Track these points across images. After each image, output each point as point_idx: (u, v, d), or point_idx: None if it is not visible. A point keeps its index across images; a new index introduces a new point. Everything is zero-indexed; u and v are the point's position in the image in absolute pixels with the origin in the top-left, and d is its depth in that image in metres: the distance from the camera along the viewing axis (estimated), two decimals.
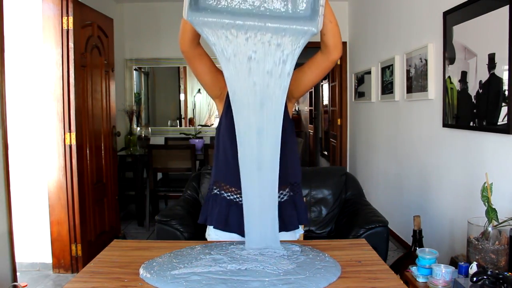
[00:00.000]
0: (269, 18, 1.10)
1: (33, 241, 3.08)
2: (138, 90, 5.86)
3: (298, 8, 1.12)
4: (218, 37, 1.10)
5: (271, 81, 1.13)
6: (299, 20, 1.11)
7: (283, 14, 1.11)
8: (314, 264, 1.13)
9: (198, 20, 1.10)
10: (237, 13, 1.10)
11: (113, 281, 1.08)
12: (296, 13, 1.12)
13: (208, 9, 1.11)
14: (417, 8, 3.14)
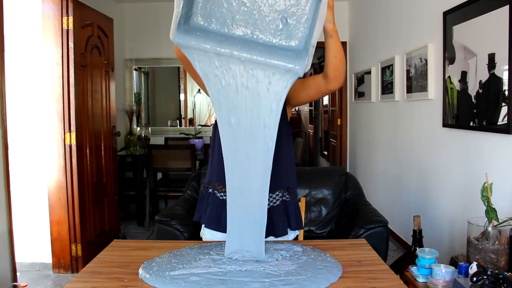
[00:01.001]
0: (259, 50, 1.04)
1: (33, 241, 3.08)
2: (138, 90, 5.86)
3: (292, 38, 1.07)
4: (206, 64, 1.07)
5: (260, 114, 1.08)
6: (291, 53, 1.05)
7: (275, 44, 1.07)
8: (316, 264, 1.13)
9: (186, 43, 1.05)
10: (227, 38, 1.05)
11: (113, 281, 1.08)
12: (288, 44, 1.07)
13: (197, 31, 1.06)
14: (417, 8, 3.14)
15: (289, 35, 1.07)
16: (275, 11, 1.05)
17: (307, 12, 1.05)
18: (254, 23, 1.07)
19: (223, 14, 1.06)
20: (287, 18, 1.06)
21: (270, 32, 1.07)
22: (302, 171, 2.83)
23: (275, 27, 1.06)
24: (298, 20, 1.06)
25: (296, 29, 1.06)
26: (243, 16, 1.06)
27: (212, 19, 1.07)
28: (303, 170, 2.85)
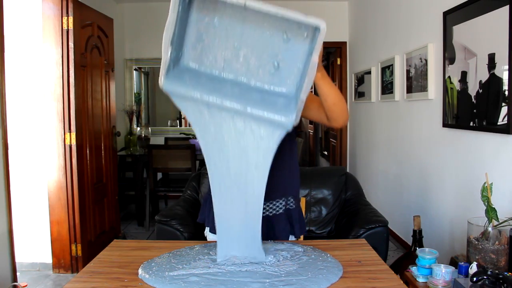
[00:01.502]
0: (249, 98, 1.03)
1: (33, 241, 3.08)
2: (138, 90, 5.86)
3: (283, 83, 1.06)
4: (196, 115, 1.06)
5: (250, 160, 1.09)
6: (282, 100, 1.05)
7: (267, 89, 1.06)
8: (317, 264, 1.13)
9: (176, 91, 1.04)
10: (218, 82, 1.04)
11: (113, 281, 1.08)
12: (280, 90, 1.06)
13: (187, 75, 1.05)
14: (417, 8, 3.14)
15: (280, 80, 1.07)
16: (267, 55, 1.05)
17: (298, 60, 1.04)
18: (246, 66, 1.05)
19: (214, 56, 1.05)
20: (279, 62, 1.05)
21: (261, 76, 1.06)
22: (302, 171, 2.82)
23: (267, 71, 1.06)
24: (289, 66, 1.05)
25: (287, 75, 1.06)
26: (234, 58, 1.05)
27: (203, 60, 1.06)
28: (303, 170, 2.84)
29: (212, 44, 1.05)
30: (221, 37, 1.04)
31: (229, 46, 1.04)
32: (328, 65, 6.30)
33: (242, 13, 0.99)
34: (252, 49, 1.04)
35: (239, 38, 1.03)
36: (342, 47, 5.28)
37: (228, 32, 1.03)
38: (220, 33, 1.03)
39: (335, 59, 5.51)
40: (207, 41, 1.04)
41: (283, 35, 1.02)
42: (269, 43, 1.03)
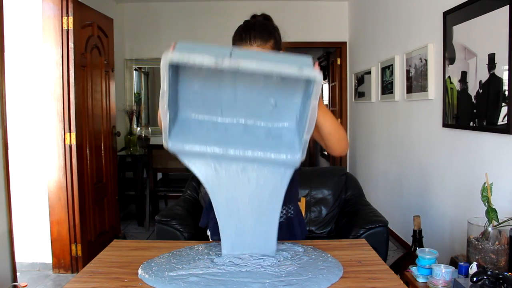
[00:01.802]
0: (252, 141, 1.05)
1: (33, 241, 3.08)
2: (138, 90, 5.85)
3: (283, 119, 1.08)
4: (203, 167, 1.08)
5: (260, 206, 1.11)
6: (285, 138, 1.06)
7: (269, 126, 1.08)
8: (317, 265, 1.13)
9: (181, 149, 1.05)
10: (220, 130, 1.06)
11: (113, 281, 1.08)
12: (281, 126, 1.08)
13: (189, 127, 1.06)
14: (417, 8, 3.14)
15: (280, 116, 1.08)
16: (264, 95, 1.06)
17: (295, 96, 1.05)
18: (244, 109, 1.07)
19: (211, 105, 1.06)
20: (276, 100, 1.07)
21: (261, 115, 1.08)
22: (302, 171, 2.83)
23: (266, 110, 1.07)
24: (287, 102, 1.06)
25: (286, 110, 1.07)
26: (231, 103, 1.06)
27: (201, 110, 1.07)
28: (303, 170, 2.84)
29: (207, 94, 1.06)
30: (215, 87, 1.05)
31: (225, 94, 1.05)
32: (328, 65, 6.30)
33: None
34: (247, 93, 1.05)
35: (233, 85, 1.04)
36: (342, 47, 5.28)
37: (221, 82, 1.04)
38: (213, 84, 1.04)
39: (335, 59, 5.51)
40: (202, 92, 1.06)
41: (277, 78, 1.02)
42: (263, 85, 1.04)
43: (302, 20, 5.18)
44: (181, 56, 0.90)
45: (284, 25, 1.37)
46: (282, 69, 0.90)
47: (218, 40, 5.07)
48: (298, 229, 1.46)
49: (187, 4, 5.20)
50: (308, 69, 0.91)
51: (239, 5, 5.11)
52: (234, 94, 1.05)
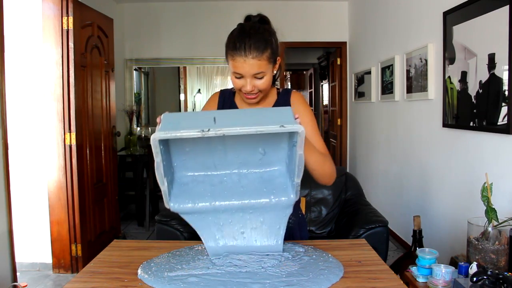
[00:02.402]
0: (247, 190, 1.12)
1: (33, 241, 3.08)
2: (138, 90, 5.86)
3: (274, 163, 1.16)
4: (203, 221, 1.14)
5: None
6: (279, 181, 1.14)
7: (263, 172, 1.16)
8: (318, 265, 1.13)
9: (184, 209, 1.10)
10: (217, 183, 1.13)
11: (113, 281, 1.08)
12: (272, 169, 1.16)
13: (188, 186, 1.12)
14: (417, 8, 3.14)
15: (270, 162, 1.16)
16: (252, 146, 1.13)
17: (282, 141, 1.12)
18: (236, 160, 1.14)
19: (204, 162, 1.13)
20: (265, 149, 1.14)
21: (253, 164, 1.15)
22: None
23: (256, 159, 1.15)
24: (274, 148, 1.14)
25: (275, 156, 1.15)
26: (223, 158, 1.13)
27: (195, 167, 1.14)
28: None
29: (199, 154, 1.12)
30: (205, 148, 1.12)
31: (215, 151, 1.13)
32: (328, 65, 6.30)
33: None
34: (236, 147, 1.13)
35: (224, 141, 1.11)
36: (342, 47, 5.28)
37: (212, 139, 1.10)
38: (204, 143, 1.11)
39: (335, 59, 5.51)
40: (194, 152, 1.12)
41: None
42: (251, 136, 1.08)
43: (302, 20, 5.18)
44: (168, 134, 0.97)
45: (283, 25, 1.34)
46: (265, 129, 0.97)
47: (217, 40, 5.07)
48: (298, 236, 1.46)
49: (187, 4, 5.20)
50: (290, 124, 0.97)
51: (239, 5, 5.11)
52: (224, 150, 1.13)
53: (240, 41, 1.21)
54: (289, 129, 0.98)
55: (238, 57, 1.21)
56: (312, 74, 8.27)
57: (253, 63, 1.21)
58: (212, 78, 7.72)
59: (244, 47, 1.20)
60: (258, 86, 1.26)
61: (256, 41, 1.21)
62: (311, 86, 8.43)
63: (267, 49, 1.23)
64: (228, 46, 1.25)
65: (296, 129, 0.98)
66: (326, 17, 5.23)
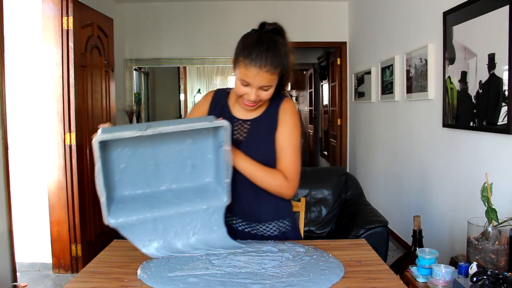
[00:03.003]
0: (186, 199, 1.20)
1: (33, 241, 3.08)
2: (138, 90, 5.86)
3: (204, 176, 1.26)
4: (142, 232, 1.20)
5: None
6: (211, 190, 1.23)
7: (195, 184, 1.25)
8: (318, 265, 1.13)
9: (122, 223, 1.15)
10: (154, 197, 1.19)
11: (113, 281, 1.08)
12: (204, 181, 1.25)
13: (126, 203, 1.16)
14: (417, 8, 3.14)
15: (200, 174, 1.25)
16: (182, 159, 1.22)
17: (208, 152, 1.23)
18: (169, 175, 1.22)
19: (140, 179, 1.19)
20: (193, 162, 1.23)
21: (184, 177, 1.24)
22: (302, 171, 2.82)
23: (187, 172, 1.23)
24: (202, 161, 1.23)
25: (203, 168, 1.24)
26: (157, 173, 1.20)
27: (133, 185, 1.19)
28: (303, 170, 2.84)
29: (133, 171, 1.18)
30: (139, 162, 1.18)
31: (148, 166, 1.19)
32: (328, 65, 6.30)
33: (149, 138, 1.13)
34: (167, 160, 1.20)
35: (155, 157, 1.19)
36: (342, 47, 5.28)
37: (144, 155, 1.17)
38: (137, 159, 1.17)
39: (335, 59, 5.51)
40: (128, 170, 1.17)
41: (189, 140, 1.20)
42: (179, 150, 1.21)
43: (302, 20, 5.18)
44: (110, 135, 1.03)
45: (284, 25, 1.34)
46: (197, 125, 1.09)
47: (218, 40, 5.08)
48: (292, 236, 1.46)
49: (187, 4, 5.20)
50: (216, 120, 1.11)
51: (239, 5, 5.11)
52: (156, 165, 1.20)
53: (257, 52, 1.20)
54: (216, 123, 1.09)
55: (252, 67, 1.20)
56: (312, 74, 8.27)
57: (265, 77, 1.21)
58: (212, 78, 7.72)
59: (260, 60, 1.19)
60: (262, 97, 1.26)
61: (273, 56, 1.21)
62: (311, 86, 8.44)
63: (280, 65, 1.23)
64: (242, 53, 1.22)
65: (223, 123, 1.10)
66: (326, 17, 5.23)
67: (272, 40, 1.23)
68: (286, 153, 1.32)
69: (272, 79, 1.23)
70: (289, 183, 1.31)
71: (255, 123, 1.35)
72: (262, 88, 1.24)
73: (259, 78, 1.21)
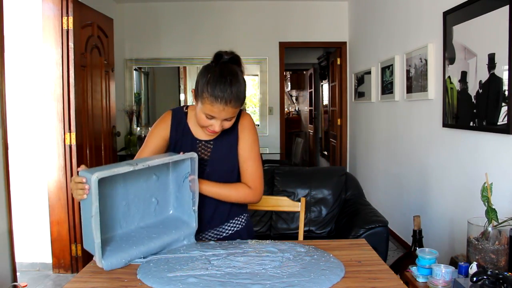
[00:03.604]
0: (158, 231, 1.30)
1: (33, 241, 3.08)
2: (138, 90, 5.85)
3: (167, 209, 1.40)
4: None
5: None
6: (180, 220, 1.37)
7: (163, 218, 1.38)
8: (319, 265, 1.13)
9: (114, 264, 1.16)
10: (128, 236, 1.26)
11: (113, 281, 1.08)
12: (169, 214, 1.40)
13: (111, 249, 1.19)
14: (417, 8, 3.14)
15: (164, 208, 1.38)
16: (148, 197, 1.33)
17: (170, 187, 1.37)
18: (138, 213, 1.32)
19: (114, 220, 1.26)
20: (157, 198, 1.36)
21: (152, 213, 1.35)
22: (302, 171, 2.83)
23: (153, 208, 1.35)
24: (164, 196, 1.37)
25: (166, 202, 1.38)
26: (128, 213, 1.29)
27: (108, 227, 1.24)
28: (303, 170, 2.85)
29: (108, 213, 1.24)
30: (113, 204, 1.25)
31: (120, 208, 1.27)
32: (328, 65, 6.30)
33: (123, 177, 1.25)
34: (137, 200, 1.31)
35: (126, 197, 1.28)
36: (342, 47, 5.28)
37: (117, 196, 1.26)
38: (111, 201, 1.24)
39: (335, 59, 5.51)
40: (102, 213, 1.19)
41: (154, 177, 1.34)
42: (146, 188, 1.33)
43: (302, 20, 5.18)
44: (105, 172, 1.10)
45: (284, 25, 1.36)
46: (176, 158, 1.26)
47: (217, 40, 5.08)
48: (245, 236, 1.54)
49: (187, 4, 5.20)
50: (187, 154, 1.28)
51: (239, 5, 5.11)
52: (128, 206, 1.29)
53: (221, 88, 1.24)
54: (189, 156, 1.28)
55: (218, 104, 1.25)
56: (312, 74, 8.28)
57: (230, 111, 1.27)
58: None
59: (226, 96, 1.24)
60: (225, 126, 1.32)
61: (237, 91, 1.26)
62: (311, 86, 8.44)
63: (243, 97, 1.30)
64: (206, 89, 1.26)
65: (192, 155, 1.28)
66: (326, 17, 5.23)
67: (233, 73, 1.28)
68: (248, 166, 1.42)
69: (236, 111, 1.30)
70: (253, 191, 1.41)
71: (217, 142, 1.43)
72: (226, 119, 1.30)
73: (225, 113, 1.27)
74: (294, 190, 2.69)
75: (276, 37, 5.18)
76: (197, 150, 1.41)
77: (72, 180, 1.12)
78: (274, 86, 5.34)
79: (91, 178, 1.08)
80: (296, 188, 2.70)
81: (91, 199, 1.09)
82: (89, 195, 1.09)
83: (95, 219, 1.10)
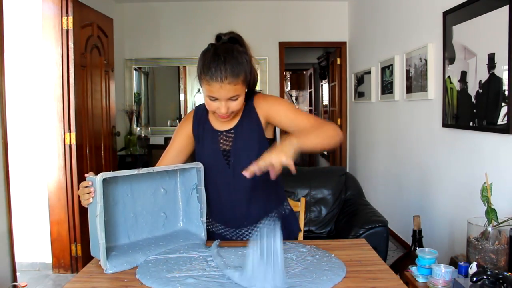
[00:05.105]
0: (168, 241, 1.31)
1: (33, 241, 3.08)
2: (138, 90, 5.85)
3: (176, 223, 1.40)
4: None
5: None
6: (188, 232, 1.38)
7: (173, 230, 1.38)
8: (321, 265, 1.12)
9: (119, 270, 1.15)
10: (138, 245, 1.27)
11: (113, 281, 1.08)
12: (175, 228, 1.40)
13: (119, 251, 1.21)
14: (417, 8, 3.14)
15: (173, 222, 1.39)
16: (157, 210, 1.34)
17: (177, 201, 1.39)
18: (146, 227, 1.33)
19: (120, 233, 1.28)
20: (166, 213, 1.36)
21: (160, 227, 1.36)
22: (302, 171, 2.83)
23: (161, 222, 1.36)
24: (172, 210, 1.38)
25: (175, 216, 1.39)
26: (134, 226, 1.30)
27: (116, 236, 1.26)
28: (303, 170, 2.84)
29: (116, 225, 1.26)
30: (120, 216, 1.27)
31: (128, 220, 1.29)
32: (328, 65, 6.30)
33: (130, 189, 1.29)
34: (145, 213, 1.32)
35: (133, 207, 1.29)
36: (342, 47, 5.28)
37: (125, 206, 1.27)
38: (118, 209, 1.26)
39: (335, 59, 5.51)
40: (110, 222, 1.24)
41: (161, 190, 1.35)
42: (154, 201, 1.34)
43: (302, 20, 5.17)
44: (110, 174, 1.13)
45: (284, 25, 1.35)
46: (181, 166, 1.30)
47: None
48: (296, 225, 1.51)
49: (187, 4, 5.20)
50: (193, 164, 1.31)
51: (239, 5, 5.11)
52: (135, 217, 1.30)
53: (215, 66, 1.21)
54: (192, 164, 1.30)
55: (214, 82, 1.21)
56: (312, 74, 8.27)
57: (229, 88, 1.22)
58: None
59: (220, 73, 1.20)
60: (232, 107, 1.28)
61: (231, 66, 1.21)
62: (311, 86, 8.43)
63: (242, 73, 1.24)
64: (202, 71, 1.24)
65: (195, 165, 1.31)
66: (326, 17, 5.22)
67: (228, 50, 1.24)
68: (300, 119, 1.32)
69: (237, 89, 1.24)
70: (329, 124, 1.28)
71: (238, 129, 1.38)
72: (230, 99, 1.25)
73: (224, 91, 1.22)
74: (294, 190, 2.69)
75: (276, 37, 5.17)
76: (218, 142, 1.38)
77: (80, 186, 1.13)
78: (274, 86, 5.34)
79: (96, 179, 1.09)
80: (296, 188, 2.70)
81: (96, 199, 1.10)
82: (94, 196, 1.10)
83: (99, 219, 1.10)
